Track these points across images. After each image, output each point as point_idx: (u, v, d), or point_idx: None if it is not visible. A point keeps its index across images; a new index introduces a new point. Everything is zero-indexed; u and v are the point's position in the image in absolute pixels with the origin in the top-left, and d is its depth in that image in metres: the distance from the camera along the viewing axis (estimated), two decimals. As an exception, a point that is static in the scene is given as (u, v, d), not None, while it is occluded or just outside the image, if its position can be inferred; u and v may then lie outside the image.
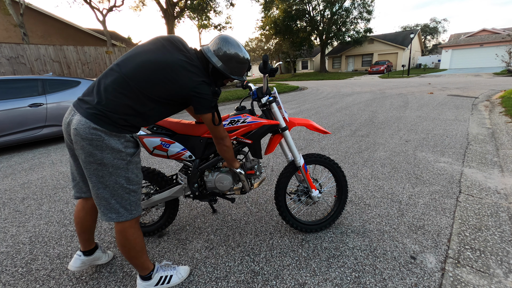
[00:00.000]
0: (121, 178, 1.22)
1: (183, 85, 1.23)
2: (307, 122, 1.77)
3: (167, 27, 16.56)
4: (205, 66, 1.34)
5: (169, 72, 1.20)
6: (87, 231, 1.50)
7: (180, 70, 1.22)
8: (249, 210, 2.26)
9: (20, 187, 2.97)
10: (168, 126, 1.72)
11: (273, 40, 32.66)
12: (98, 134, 1.13)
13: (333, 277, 1.49)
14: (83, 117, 1.13)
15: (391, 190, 2.48)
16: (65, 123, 1.21)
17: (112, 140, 1.16)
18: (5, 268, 1.67)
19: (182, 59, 1.24)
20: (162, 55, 1.22)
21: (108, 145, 1.15)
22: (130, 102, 1.18)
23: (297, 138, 4.47)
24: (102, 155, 1.15)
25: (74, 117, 1.16)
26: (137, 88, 1.18)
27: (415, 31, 29.77)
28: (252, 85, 1.79)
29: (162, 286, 1.45)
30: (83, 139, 1.13)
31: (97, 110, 1.14)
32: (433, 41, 53.89)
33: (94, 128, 1.12)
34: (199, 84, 1.25)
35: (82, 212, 1.46)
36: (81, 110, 1.15)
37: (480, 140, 3.79)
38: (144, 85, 1.19)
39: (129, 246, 1.30)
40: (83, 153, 1.16)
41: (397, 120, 5.39)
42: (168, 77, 1.20)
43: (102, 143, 1.14)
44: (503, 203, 2.15)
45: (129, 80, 1.18)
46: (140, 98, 1.19)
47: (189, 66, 1.25)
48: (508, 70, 19.40)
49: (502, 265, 1.51)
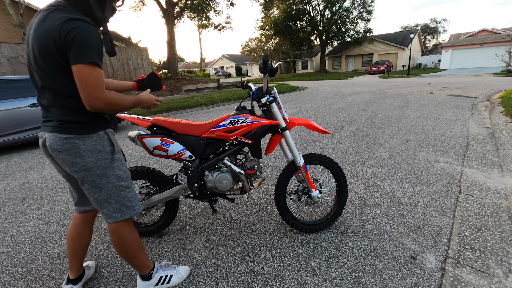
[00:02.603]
0: (111, 177, 1.21)
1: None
2: (307, 122, 1.77)
3: (167, 27, 16.56)
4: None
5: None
6: (83, 248, 1.42)
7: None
8: (249, 210, 2.25)
9: (20, 187, 2.97)
10: (168, 126, 1.72)
11: (273, 40, 32.64)
12: (71, 142, 1.11)
13: (333, 277, 1.49)
14: (51, 133, 1.12)
15: (391, 190, 2.48)
16: (42, 146, 1.20)
17: (87, 143, 1.14)
18: (5, 268, 1.67)
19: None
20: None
21: (86, 149, 1.14)
22: (55, 91, 1.09)
23: (297, 138, 4.47)
24: (84, 161, 1.14)
25: (45, 136, 1.15)
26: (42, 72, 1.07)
27: (415, 31, 29.77)
28: (252, 85, 1.79)
29: (162, 286, 1.45)
30: (60, 152, 1.12)
31: (57, 121, 1.12)
32: (433, 41, 53.89)
33: (65, 138, 1.11)
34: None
35: (80, 226, 1.39)
36: (47, 128, 1.14)
37: (480, 140, 3.79)
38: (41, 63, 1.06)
39: (126, 245, 1.30)
40: (66, 165, 1.15)
41: (397, 120, 5.39)
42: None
43: (79, 149, 1.13)
44: (503, 203, 2.15)
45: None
46: (54, 78, 1.07)
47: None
48: (508, 70, 19.40)
49: (502, 265, 1.51)
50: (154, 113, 8.06)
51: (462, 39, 28.34)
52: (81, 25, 1.01)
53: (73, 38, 0.99)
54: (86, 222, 1.42)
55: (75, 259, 1.42)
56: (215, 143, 1.73)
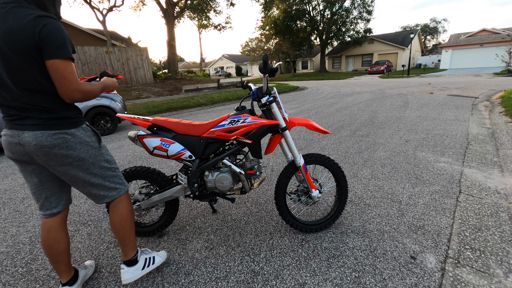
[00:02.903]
0: (102, 162, 1.31)
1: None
2: (307, 122, 1.77)
3: (167, 27, 16.56)
4: None
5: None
6: (63, 253, 1.36)
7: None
8: (249, 210, 2.25)
9: (20, 187, 2.97)
10: (168, 126, 1.72)
11: (273, 40, 32.63)
12: (61, 137, 1.15)
13: (333, 277, 1.49)
14: (37, 131, 1.11)
15: (391, 190, 2.48)
16: (12, 146, 1.14)
17: (75, 136, 1.20)
18: (5, 268, 1.67)
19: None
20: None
21: (76, 142, 1.19)
22: (35, 90, 1.09)
23: (297, 138, 4.47)
24: (77, 152, 1.20)
25: (24, 135, 1.11)
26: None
27: (415, 31, 29.77)
28: (252, 85, 1.79)
29: (148, 268, 1.49)
30: (51, 148, 1.13)
31: (40, 119, 1.12)
32: (433, 41, 53.87)
33: (54, 133, 1.14)
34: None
35: (53, 231, 1.32)
36: (25, 127, 1.11)
37: (480, 140, 3.79)
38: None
39: (125, 221, 1.40)
40: (56, 160, 1.17)
41: (397, 120, 5.39)
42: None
43: (70, 142, 1.18)
44: (503, 203, 2.15)
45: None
46: (27, 79, 1.07)
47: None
48: (508, 70, 19.40)
49: (502, 265, 1.51)
50: (154, 113, 8.06)
51: (462, 39, 28.34)
52: (51, 21, 1.04)
53: (47, 35, 1.01)
54: (58, 225, 1.34)
55: (59, 264, 1.36)
56: (215, 143, 1.73)
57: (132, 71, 13.85)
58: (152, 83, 14.70)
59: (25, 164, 1.22)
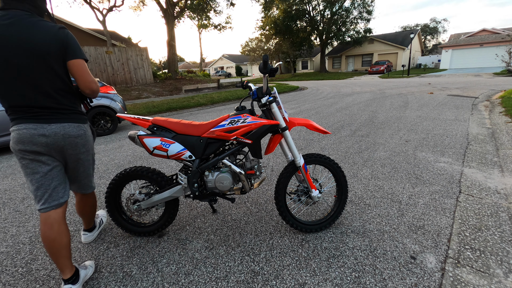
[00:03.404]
0: (93, 155, 1.59)
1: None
2: (307, 122, 1.77)
3: (167, 27, 16.56)
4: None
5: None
6: (66, 246, 1.41)
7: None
8: (249, 210, 2.26)
9: (20, 187, 2.97)
10: (168, 126, 1.72)
11: (273, 40, 32.63)
12: (82, 129, 1.43)
13: (333, 277, 1.49)
14: (65, 123, 1.35)
15: (391, 190, 2.48)
16: (35, 138, 1.28)
17: (87, 129, 1.49)
18: (5, 268, 1.68)
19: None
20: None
21: (88, 135, 1.48)
22: (58, 89, 1.34)
23: (297, 138, 4.47)
24: (89, 144, 1.50)
25: (50, 127, 1.31)
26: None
27: (415, 31, 29.78)
28: (252, 85, 1.79)
29: (100, 227, 1.96)
30: (75, 137, 1.39)
31: (65, 114, 1.37)
32: (433, 41, 53.85)
33: (77, 126, 1.40)
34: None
35: (57, 224, 1.38)
36: (55, 120, 1.33)
37: (480, 140, 3.79)
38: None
39: (92, 208, 1.77)
40: (75, 149, 1.41)
41: (397, 120, 5.39)
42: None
43: (86, 135, 1.46)
44: (503, 203, 2.15)
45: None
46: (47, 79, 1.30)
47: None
48: (508, 70, 19.40)
49: (502, 265, 1.51)
50: (154, 113, 8.06)
51: (462, 39, 28.34)
52: (68, 31, 1.34)
53: (69, 41, 1.31)
54: (61, 218, 1.40)
55: (62, 259, 1.39)
56: (215, 143, 1.73)
57: (132, 71, 13.85)
58: (152, 83, 14.70)
59: (39, 155, 1.33)
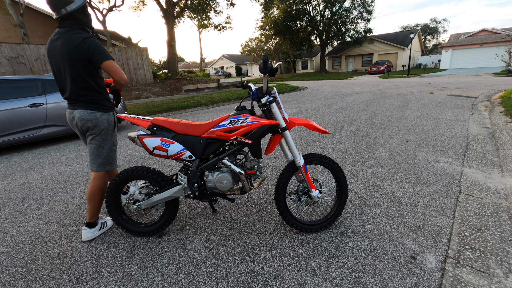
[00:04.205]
0: (110, 141, 1.87)
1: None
2: (307, 122, 1.77)
3: (167, 27, 16.55)
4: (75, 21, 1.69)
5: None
6: (102, 199, 1.93)
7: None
8: (249, 210, 2.26)
9: (20, 187, 2.97)
10: (168, 126, 1.72)
11: (273, 40, 32.61)
12: (93, 115, 1.76)
13: (333, 277, 1.49)
14: (81, 109, 1.75)
15: (391, 190, 2.48)
16: (70, 120, 1.82)
17: (102, 117, 1.79)
18: (5, 268, 1.67)
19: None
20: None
21: (102, 121, 1.78)
22: (85, 88, 1.73)
23: (297, 138, 4.47)
24: (99, 128, 1.78)
25: (75, 112, 1.77)
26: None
27: (415, 31, 29.75)
28: (252, 85, 1.79)
29: (103, 230, 1.99)
30: (86, 121, 1.75)
31: (84, 103, 1.76)
32: (433, 41, 53.83)
33: (91, 113, 1.75)
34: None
35: (106, 182, 1.91)
36: (78, 107, 1.76)
37: (480, 140, 3.79)
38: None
39: (99, 192, 1.86)
40: (86, 130, 1.79)
41: (397, 120, 5.39)
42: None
43: (97, 120, 1.77)
44: (503, 203, 2.15)
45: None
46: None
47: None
48: (508, 70, 19.39)
49: (502, 265, 1.51)
50: (154, 113, 8.06)
51: (462, 39, 28.33)
52: (93, 39, 1.67)
53: (93, 49, 1.65)
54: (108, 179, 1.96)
55: (100, 204, 1.91)
56: (215, 143, 1.73)
57: (132, 71, 13.85)
58: (152, 83, 14.70)
59: (78, 132, 1.87)
